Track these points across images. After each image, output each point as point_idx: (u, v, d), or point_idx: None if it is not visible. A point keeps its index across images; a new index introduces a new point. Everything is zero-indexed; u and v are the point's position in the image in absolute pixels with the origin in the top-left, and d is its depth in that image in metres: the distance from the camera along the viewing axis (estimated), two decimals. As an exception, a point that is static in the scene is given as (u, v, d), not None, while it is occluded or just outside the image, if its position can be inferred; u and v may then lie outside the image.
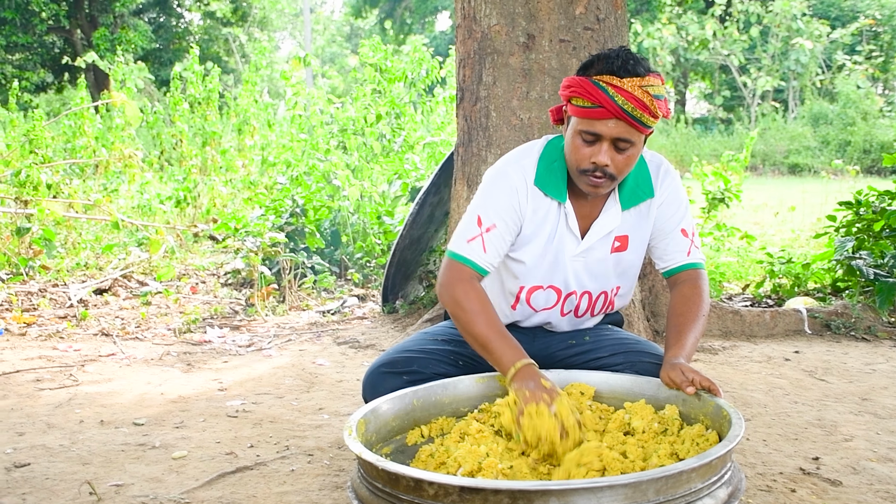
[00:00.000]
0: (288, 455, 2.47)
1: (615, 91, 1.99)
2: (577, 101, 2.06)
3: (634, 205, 2.24)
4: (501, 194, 2.19)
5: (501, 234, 2.19)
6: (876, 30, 25.59)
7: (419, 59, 8.73)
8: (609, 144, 2.05)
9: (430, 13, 30.13)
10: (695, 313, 2.22)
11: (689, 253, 2.29)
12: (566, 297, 2.30)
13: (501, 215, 2.18)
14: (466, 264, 2.17)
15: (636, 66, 2.02)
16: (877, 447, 2.53)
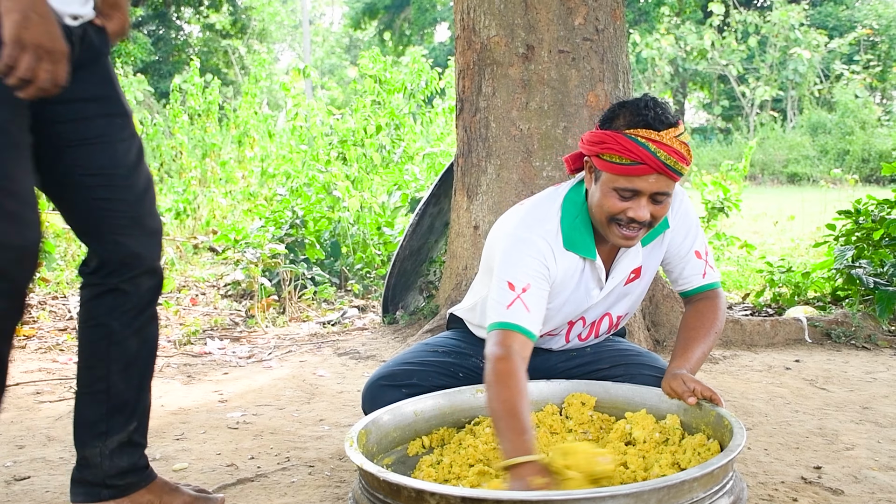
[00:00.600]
0: (289, 466, 2.47)
1: (656, 147, 1.91)
2: (611, 158, 1.96)
3: (653, 239, 2.21)
4: (527, 259, 2.07)
5: (538, 293, 2.06)
6: (873, 40, 25.68)
7: (418, 70, 8.76)
8: (648, 199, 1.98)
9: (429, 24, 30.22)
10: (707, 328, 2.20)
11: (704, 274, 2.26)
12: (574, 326, 2.30)
13: (532, 276, 2.05)
14: (513, 329, 2.00)
15: (667, 115, 1.96)
16: (878, 456, 2.52)
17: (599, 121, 2.04)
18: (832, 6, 27.49)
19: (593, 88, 3.73)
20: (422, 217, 4.55)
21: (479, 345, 2.38)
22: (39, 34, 1.49)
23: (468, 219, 3.96)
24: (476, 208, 3.91)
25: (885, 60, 25.53)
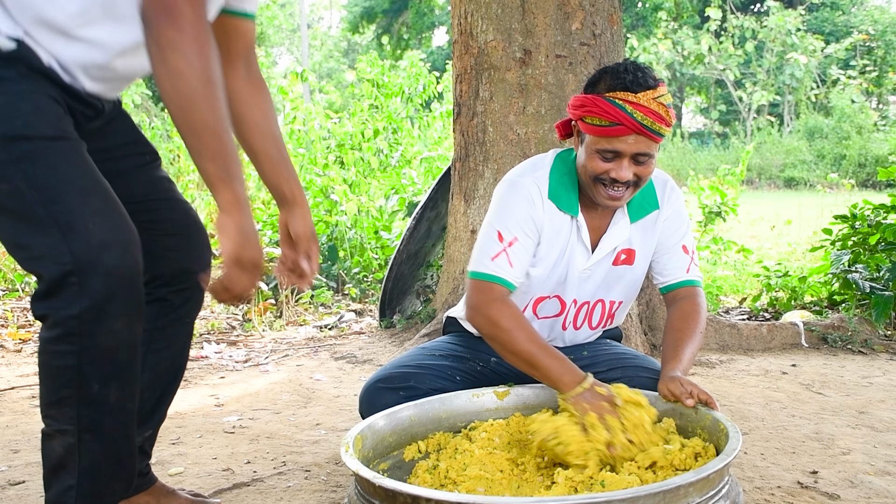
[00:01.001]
0: (285, 471, 2.47)
1: (633, 108, 1.98)
2: (591, 120, 2.04)
3: (642, 217, 2.26)
4: (518, 206, 2.16)
5: (524, 247, 2.16)
6: (869, 45, 25.75)
7: (416, 75, 8.76)
8: (629, 159, 2.05)
9: (427, 29, 30.26)
10: (692, 329, 2.22)
11: (688, 270, 2.30)
12: (568, 308, 2.31)
13: (522, 227, 2.15)
14: (495, 282, 2.12)
15: (646, 78, 2.02)
16: (874, 460, 2.53)
17: (585, 85, 2.12)
18: (828, 11, 27.58)
19: (590, 93, 3.74)
20: (419, 221, 4.55)
21: (477, 348, 2.39)
22: (254, 252, 1.58)
23: (465, 223, 3.96)
24: (473, 212, 3.91)
25: (881, 65, 25.60)
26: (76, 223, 1.54)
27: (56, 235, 1.52)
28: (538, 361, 2.02)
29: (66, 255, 1.52)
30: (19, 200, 1.54)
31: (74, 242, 1.52)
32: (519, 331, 2.06)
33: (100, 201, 1.60)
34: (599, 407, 1.91)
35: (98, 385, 1.59)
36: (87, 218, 1.56)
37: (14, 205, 1.54)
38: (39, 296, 1.56)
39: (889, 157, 17.35)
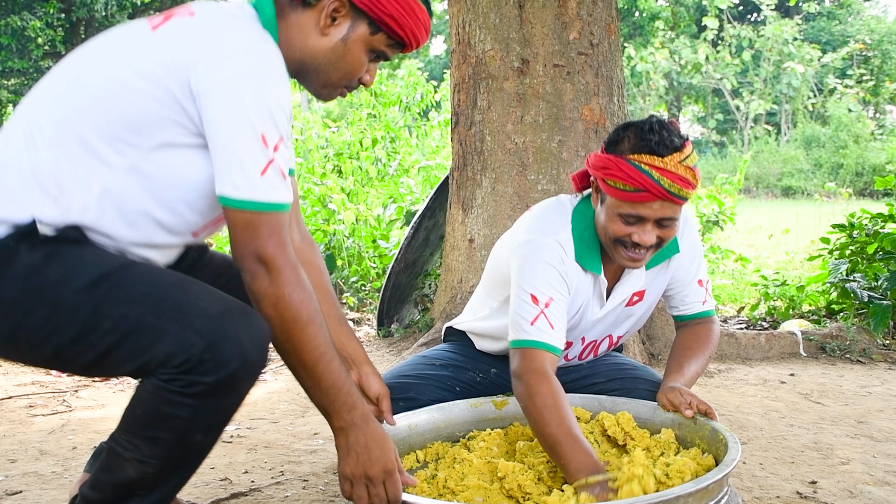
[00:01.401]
0: (283, 481, 2.46)
1: (660, 174, 1.88)
2: (614, 183, 1.93)
3: (658, 263, 2.20)
4: (548, 268, 2.06)
5: (560, 306, 2.06)
6: (866, 54, 25.84)
7: (414, 84, 8.78)
8: (653, 224, 1.96)
9: (425, 38, 30.33)
10: (702, 350, 2.21)
11: (704, 302, 2.28)
12: (573, 346, 2.29)
13: (555, 287, 2.05)
14: (539, 348, 2.00)
15: (672, 138, 1.92)
16: (873, 470, 2.52)
17: (605, 143, 2.01)
18: (825, 21, 27.69)
19: (588, 102, 3.75)
20: (417, 230, 4.55)
21: (478, 358, 2.38)
22: (378, 465, 1.71)
23: (463, 232, 3.96)
24: (471, 221, 3.91)
25: (878, 75, 25.69)
26: (187, 308, 1.57)
27: (175, 327, 1.55)
28: (561, 449, 1.86)
29: (193, 336, 1.54)
30: (128, 323, 1.56)
31: (195, 322, 1.55)
32: (552, 412, 1.91)
33: (197, 286, 1.64)
34: (604, 498, 1.73)
35: (201, 435, 1.63)
36: (196, 299, 1.60)
37: (125, 328, 1.56)
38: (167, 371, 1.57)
39: (886, 167, 17.38)
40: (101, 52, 1.66)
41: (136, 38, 1.64)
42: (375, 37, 1.74)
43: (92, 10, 20.09)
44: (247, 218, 1.60)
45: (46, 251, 1.59)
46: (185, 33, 1.60)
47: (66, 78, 1.65)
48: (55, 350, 1.59)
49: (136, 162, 1.61)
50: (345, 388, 1.71)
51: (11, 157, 1.61)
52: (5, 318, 1.59)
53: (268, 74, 1.58)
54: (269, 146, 1.59)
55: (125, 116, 1.59)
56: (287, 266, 1.64)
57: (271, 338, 1.64)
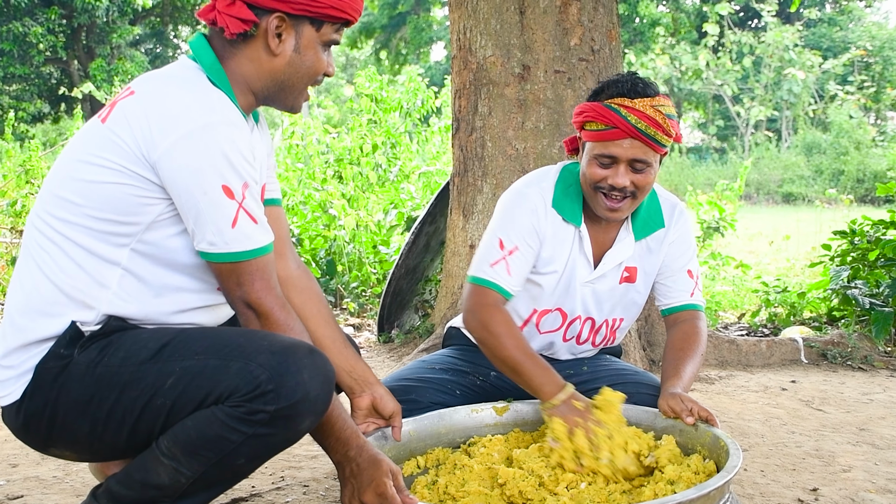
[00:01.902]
0: (283, 486, 2.45)
1: (627, 111, 2.03)
2: (590, 126, 2.09)
3: (646, 235, 2.27)
4: (521, 215, 2.20)
5: (524, 256, 2.19)
6: (867, 60, 25.86)
7: (414, 90, 8.78)
8: (626, 166, 2.08)
9: (426, 44, 30.36)
10: (694, 349, 2.23)
11: (692, 294, 2.32)
12: (570, 322, 2.31)
13: (523, 237, 2.18)
14: (492, 288, 2.16)
15: (645, 87, 2.07)
16: (875, 478, 2.52)
17: (589, 95, 2.18)
18: (826, 27, 27.71)
19: (589, 108, 3.75)
20: (418, 236, 4.55)
21: (477, 362, 2.38)
22: (368, 491, 1.76)
23: (464, 238, 3.96)
24: (472, 227, 3.91)
25: (879, 81, 25.70)
26: (251, 348, 1.61)
27: (239, 364, 1.59)
28: (522, 368, 2.06)
29: (257, 369, 1.58)
30: (191, 372, 1.61)
31: (259, 357, 1.59)
32: (508, 337, 2.09)
33: (260, 332, 1.68)
34: (572, 421, 1.96)
35: (244, 461, 1.65)
36: (259, 341, 1.64)
37: (189, 377, 1.61)
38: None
39: (887, 173, 17.40)
40: (67, 160, 1.71)
41: (90, 135, 1.69)
42: (322, 31, 1.76)
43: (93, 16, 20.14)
44: (228, 268, 1.66)
45: (100, 345, 1.65)
46: (129, 114, 1.63)
47: (48, 194, 1.70)
48: (131, 430, 1.64)
49: (135, 247, 1.66)
50: (338, 423, 1.75)
51: (29, 283, 1.68)
52: (84, 418, 1.63)
53: (215, 126, 1.60)
54: (236, 194, 1.62)
55: (108, 211, 1.63)
56: (275, 307, 1.70)
57: (334, 379, 1.68)
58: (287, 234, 2.04)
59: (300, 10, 1.70)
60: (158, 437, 1.64)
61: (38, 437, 1.69)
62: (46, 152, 9.49)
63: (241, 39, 1.73)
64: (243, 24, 1.69)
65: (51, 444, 1.71)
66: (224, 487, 1.71)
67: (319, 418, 1.67)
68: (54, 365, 1.63)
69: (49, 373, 1.63)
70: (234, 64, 1.75)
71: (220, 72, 1.73)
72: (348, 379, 2.02)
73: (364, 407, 2.04)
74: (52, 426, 1.65)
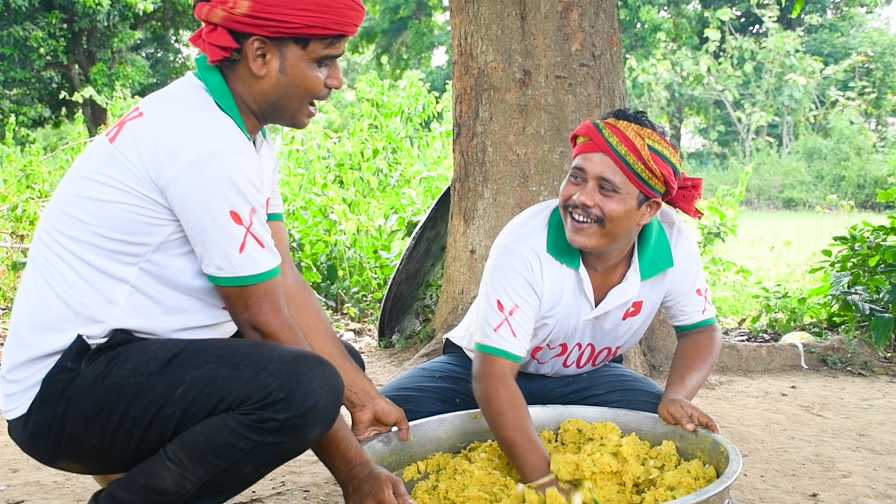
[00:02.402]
0: (284, 491, 2.46)
1: (605, 126, 2.00)
2: (576, 139, 2.08)
3: (654, 275, 2.19)
4: (515, 274, 2.10)
5: (526, 314, 2.10)
6: (868, 66, 25.86)
7: (415, 94, 8.78)
8: (594, 184, 1.99)
9: (427, 49, 30.40)
10: (703, 359, 2.21)
11: (703, 311, 2.28)
12: (570, 351, 2.29)
13: (521, 294, 2.09)
14: (499, 355, 2.07)
15: (642, 118, 2.02)
16: (875, 483, 2.52)
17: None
18: (827, 33, 27.72)
19: (590, 114, 3.75)
20: (418, 241, 4.55)
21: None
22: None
23: (465, 243, 3.96)
24: (473, 232, 3.92)
25: (880, 87, 25.70)
26: (261, 358, 1.63)
27: (249, 373, 1.60)
28: (517, 451, 1.96)
29: (268, 377, 1.59)
30: (201, 380, 1.61)
31: (270, 366, 1.60)
32: (509, 417, 1.99)
33: (270, 343, 1.70)
34: None
35: (251, 469, 1.66)
36: (269, 351, 1.65)
37: (199, 386, 1.61)
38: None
39: (888, 179, 17.38)
40: (74, 177, 1.71)
41: (97, 155, 1.69)
42: (309, 48, 1.73)
43: (94, 20, 20.14)
44: (236, 291, 1.68)
45: (107, 357, 1.65)
46: (137, 137, 1.64)
47: (56, 209, 1.71)
48: (140, 441, 1.64)
49: (143, 266, 1.67)
50: (343, 442, 1.78)
51: (36, 298, 1.68)
52: (92, 431, 1.64)
53: (223, 153, 1.61)
54: (243, 220, 1.63)
55: (118, 231, 1.64)
56: (283, 329, 1.72)
57: (343, 390, 1.70)
58: (286, 249, 2.04)
59: (277, 33, 1.68)
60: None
61: (45, 450, 1.69)
62: (47, 157, 9.50)
63: (228, 64, 1.73)
64: (223, 51, 1.69)
65: (58, 457, 1.71)
66: (228, 495, 1.71)
67: (328, 429, 1.67)
68: (61, 378, 1.63)
69: (56, 386, 1.63)
70: (236, 82, 1.76)
71: (226, 93, 1.73)
72: (349, 393, 2.03)
73: (366, 420, 2.05)
74: (60, 439, 1.65)
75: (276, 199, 1.99)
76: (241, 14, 1.65)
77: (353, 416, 2.06)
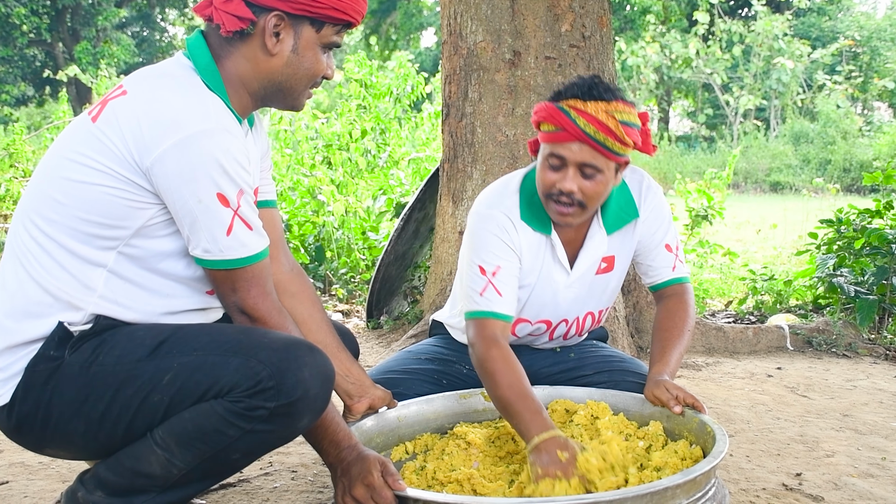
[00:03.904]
0: (271, 472, 2.46)
1: (577, 114, 1.95)
2: (543, 127, 2.03)
3: (619, 228, 2.21)
4: (493, 238, 2.13)
5: (509, 272, 2.12)
6: (855, 51, 25.92)
7: (404, 75, 8.75)
8: (575, 170, 2.00)
9: (416, 29, 30.23)
10: (680, 328, 2.22)
11: (674, 268, 2.29)
12: (555, 327, 2.30)
13: (500, 256, 2.12)
14: (488, 317, 2.08)
15: (603, 91, 1.98)
16: (858, 463, 2.54)
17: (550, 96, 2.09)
18: (815, 17, 27.74)
19: (579, 95, 3.74)
20: (407, 222, 4.54)
21: (463, 351, 2.39)
22: (357, 486, 1.73)
23: (453, 224, 3.96)
24: (461, 214, 3.91)
25: (867, 71, 25.77)
26: (251, 344, 1.61)
27: (239, 360, 1.58)
28: (513, 409, 1.93)
29: (257, 365, 1.57)
30: (189, 367, 1.59)
31: (260, 353, 1.58)
32: (503, 375, 1.99)
33: (260, 330, 1.68)
34: (552, 473, 1.75)
35: (239, 455, 1.65)
36: (260, 338, 1.63)
37: (187, 373, 1.59)
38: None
39: (873, 163, 17.46)
40: (54, 157, 1.67)
41: (80, 133, 1.65)
42: (322, 32, 1.73)
43: (79, -3, 19.95)
44: (223, 275, 1.65)
45: (92, 344, 1.62)
46: (120, 116, 1.60)
47: (35, 190, 1.67)
48: (127, 427, 1.62)
49: (123, 249, 1.64)
50: (332, 426, 1.76)
51: (13, 283, 1.65)
52: (79, 418, 1.61)
53: (210, 133, 1.57)
54: (231, 202, 1.60)
55: (95, 214, 1.60)
56: (272, 313, 1.69)
57: (334, 378, 1.68)
58: (281, 236, 2.02)
59: (300, 10, 1.67)
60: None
61: (31, 438, 1.68)
62: (31, 136, 9.43)
63: (238, 37, 1.70)
64: (240, 21, 1.66)
65: (45, 445, 1.69)
66: (215, 480, 1.71)
67: (318, 417, 1.66)
68: (45, 367, 1.61)
69: (40, 375, 1.61)
70: (231, 63, 1.72)
71: (215, 73, 1.69)
72: (345, 383, 2.02)
73: (361, 411, 2.05)
74: (46, 427, 1.63)
75: (267, 185, 1.97)
76: None
77: (349, 408, 2.05)
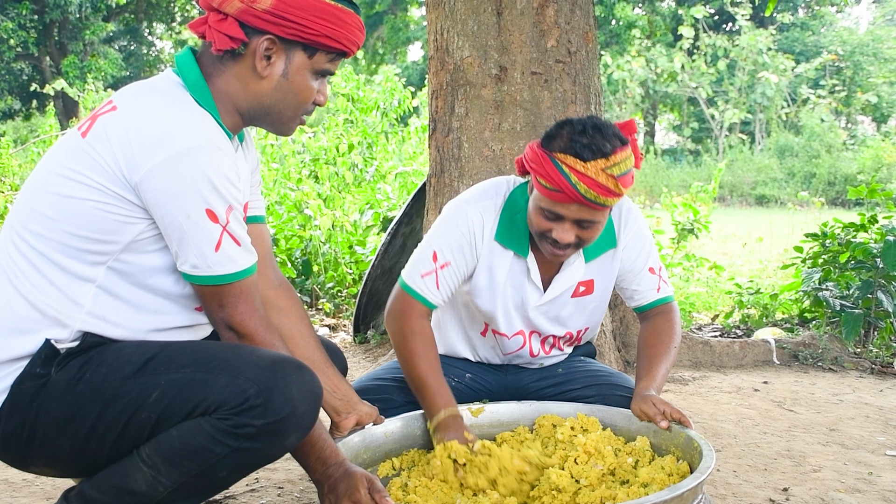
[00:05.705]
0: (258, 488, 2.44)
1: (577, 178, 1.90)
2: (539, 179, 1.99)
3: (597, 256, 2.22)
4: (458, 234, 2.17)
5: (455, 273, 2.19)
6: (839, 65, 26.15)
7: (391, 90, 8.76)
8: (571, 224, 2.01)
9: (403, 44, 30.31)
10: (666, 344, 2.23)
11: (658, 289, 2.29)
12: (530, 338, 2.31)
13: (456, 254, 2.17)
14: (418, 299, 2.17)
15: (602, 144, 1.91)
16: (844, 477, 2.55)
17: (543, 135, 2.05)
18: (799, 31, 27.98)
19: (566, 110, 3.76)
20: (394, 236, 4.54)
21: (452, 363, 2.39)
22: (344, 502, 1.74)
23: (440, 238, 3.95)
24: (448, 228, 3.91)
25: (850, 85, 26.00)
26: (238, 362, 1.60)
27: (226, 378, 1.57)
28: (425, 390, 2.11)
29: (245, 382, 1.56)
30: (177, 385, 1.58)
31: (247, 371, 1.58)
32: (422, 355, 2.13)
33: (248, 347, 1.67)
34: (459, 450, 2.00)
35: (226, 473, 1.63)
36: (247, 355, 1.62)
37: (175, 391, 1.58)
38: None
39: (858, 176, 17.59)
40: (43, 172, 1.67)
41: (68, 149, 1.65)
42: (314, 59, 1.73)
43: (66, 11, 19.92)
44: (211, 290, 1.65)
45: (78, 362, 1.61)
46: (110, 131, 1.59)
47: (23, 205, 1.66)
48: (114, 445, 1.61)
49: (112, 265, 1.63)
50: (319, 442, 1.75)
51: (1, 300, 1.63)
52: (65, 436, 1.60)
53: (199, 149, 1.57)
54: (220, 218, 1.60)
55: (85, 229, 1.60)
56: (259, 329, 1.69)
57: (322, 395, 1.68)
58: (269, 252, 2.02)
59: (292, 36, 1.67)
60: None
61: (16, 455, 1.66)
62: (17, 150, 9.39)
63: (229, 57, 1.70)
64: (231, 41, 1.66)
65: (30, 462, 1.67)
66: (201, 498, 1.69)
67: (305, 434, 1.66)
68: (31, 385, 1.59)
69: (25, 393, 1.59)
70: (222, 82, 1.72)
71: (205, 89, 1.69)
72: (333, 399, 2.02)
73: (348, 428, 2.05)
74: (31, 445, 1.62)
75: (256, 201, 1.96)
76: (262, 10, 1.64)
77: (337, 424, 2.05)
